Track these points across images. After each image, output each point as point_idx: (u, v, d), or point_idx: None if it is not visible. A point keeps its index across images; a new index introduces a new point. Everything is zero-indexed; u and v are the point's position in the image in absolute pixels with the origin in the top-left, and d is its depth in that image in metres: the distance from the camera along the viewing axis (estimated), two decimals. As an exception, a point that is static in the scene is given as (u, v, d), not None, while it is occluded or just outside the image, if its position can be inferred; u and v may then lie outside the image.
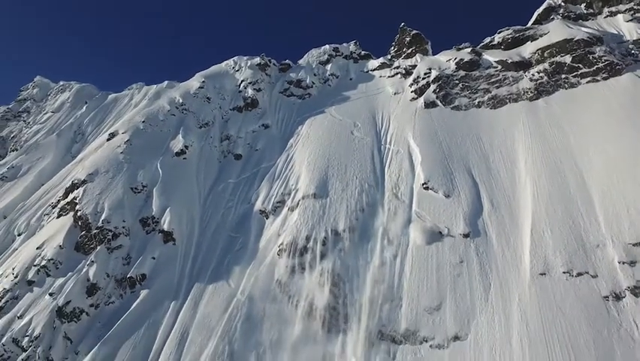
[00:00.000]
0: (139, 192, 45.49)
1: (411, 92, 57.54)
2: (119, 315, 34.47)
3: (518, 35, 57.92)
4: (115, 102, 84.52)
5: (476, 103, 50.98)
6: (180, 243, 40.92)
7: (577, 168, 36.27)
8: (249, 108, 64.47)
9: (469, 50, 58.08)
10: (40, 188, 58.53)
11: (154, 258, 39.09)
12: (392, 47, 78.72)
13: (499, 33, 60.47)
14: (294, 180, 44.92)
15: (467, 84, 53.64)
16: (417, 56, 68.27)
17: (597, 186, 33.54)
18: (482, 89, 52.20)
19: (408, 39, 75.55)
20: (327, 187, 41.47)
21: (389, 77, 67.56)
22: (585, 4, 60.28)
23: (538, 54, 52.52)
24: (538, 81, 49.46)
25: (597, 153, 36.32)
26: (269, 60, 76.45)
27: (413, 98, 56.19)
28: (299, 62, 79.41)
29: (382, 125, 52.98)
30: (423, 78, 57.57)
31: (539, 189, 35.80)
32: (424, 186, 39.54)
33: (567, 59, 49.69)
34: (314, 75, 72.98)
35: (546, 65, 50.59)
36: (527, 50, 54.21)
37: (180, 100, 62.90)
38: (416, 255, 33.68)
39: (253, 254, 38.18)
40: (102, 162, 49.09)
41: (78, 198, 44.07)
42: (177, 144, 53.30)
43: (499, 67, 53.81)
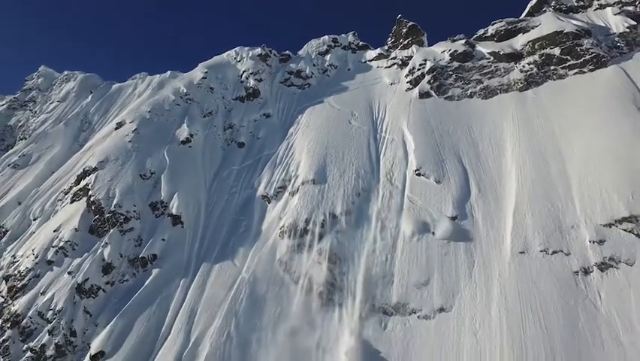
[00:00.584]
0: (148, 178, 48.07)
1: (406, 82, 59.48)
2: (134, 291, 37.40)
3: (511, 27, 59.58)
4: (119, 92, 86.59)
5: (468, 93, 52.94)
6: (188, 226, 43.67)
7: (560, 157, 37.94)
8: (251, 98, 66.64)
9: (463, 42, 59.65)
10: (51, 175, 61.16)
11: (164, 240, 41.87)
12: (389, 38, 79.89)
13: (492, 25, 61.94)
14: (295, 167, 47.38)
15: (460, 75, 55.65)
16: (413, 47, 69.80)
17: (576, 172, 35.51)
18: (475, 80, 54.13)
19: (404, 30, 76.92)
20: (325, 173, 43.91)
21: (386, 68, 69.38)
22: (576, -4, 61.88)
23: (529, 46, 54.24)
24: (528, 72, 51.35)
25: (579, 143, 37.96)
26: (269, 51, 78.02)
27: (408, 88, 58.20)
28: (299, 53, 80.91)
29: (379, 114, 55.12)
30: (418, 69, 59.49)
31: (523, 175, 37.79)
32: (417, 172, 41.79)
33: (556, 51, 51.47)
34: (313, 66, 74.77)
35: (536, 57, 52.40)
36: (519, 42, 55.93)
37: (184, 90, 65.03)
38: (407, 236, 36.23)
39: (256, 236, 40.87)
40: (112, 150, 51.60)
41: (90, 184, 46.70)
42: (183, 133, 55.70)
43: (491, 58, 55.66)
